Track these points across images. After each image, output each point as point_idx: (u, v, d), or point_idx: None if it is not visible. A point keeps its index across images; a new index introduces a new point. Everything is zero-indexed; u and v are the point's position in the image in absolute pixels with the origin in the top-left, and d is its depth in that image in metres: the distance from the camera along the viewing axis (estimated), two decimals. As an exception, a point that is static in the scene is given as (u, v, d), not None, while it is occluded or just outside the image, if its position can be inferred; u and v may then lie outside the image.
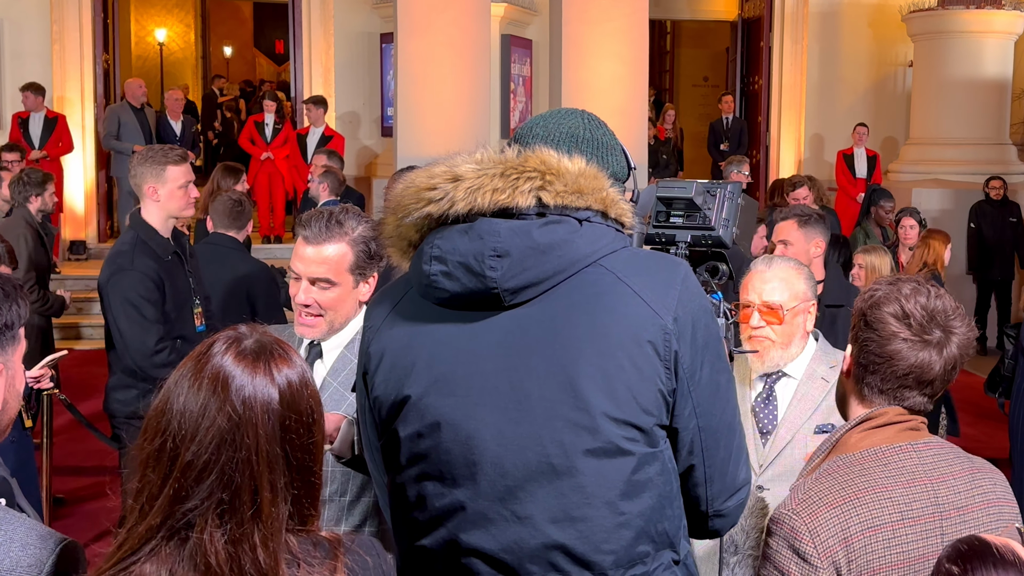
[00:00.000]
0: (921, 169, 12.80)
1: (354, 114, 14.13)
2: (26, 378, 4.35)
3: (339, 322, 2.93)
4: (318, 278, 2.86)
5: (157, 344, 4.55)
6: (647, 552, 1.98)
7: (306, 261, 2.87)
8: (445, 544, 2.01)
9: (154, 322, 4.56)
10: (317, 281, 2.87)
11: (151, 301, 4.56)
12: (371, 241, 2.91)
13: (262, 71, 25.92)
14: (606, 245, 2.01)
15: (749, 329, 3.20)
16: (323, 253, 2.86)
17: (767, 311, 3.17)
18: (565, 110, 2.25)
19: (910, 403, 2.22)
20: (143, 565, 1.52)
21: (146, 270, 4.59)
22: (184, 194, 4.66)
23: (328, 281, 2.87)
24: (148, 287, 4.57)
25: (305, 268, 2.87)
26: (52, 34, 12.84)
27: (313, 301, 2.87)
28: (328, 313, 2.90)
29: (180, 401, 1.55)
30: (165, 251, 4.69)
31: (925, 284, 2.24)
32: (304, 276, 2.88)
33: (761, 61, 14.85)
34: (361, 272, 2.92)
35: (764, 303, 3.18)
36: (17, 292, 1.85)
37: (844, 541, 2.07)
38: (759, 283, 3.22)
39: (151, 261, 4.61)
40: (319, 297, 2.87)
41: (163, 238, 4.71)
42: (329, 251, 2.86)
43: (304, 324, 2.91)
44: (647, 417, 1.96)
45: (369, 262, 2.93)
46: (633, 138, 10.46)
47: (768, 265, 3.26)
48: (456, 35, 10.04)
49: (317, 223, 2.87)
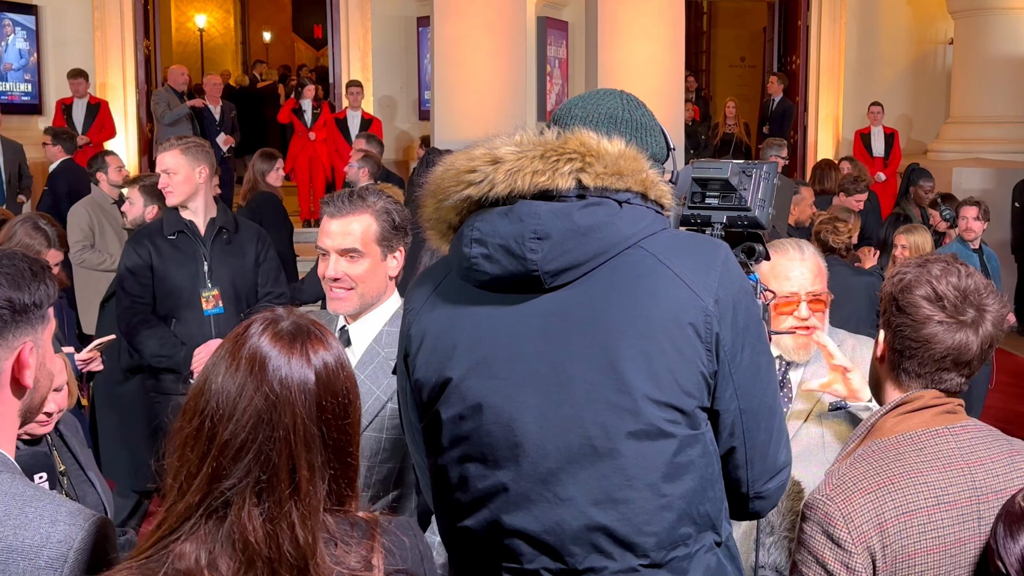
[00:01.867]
0: (962, 148, 12.66)
1: (391, 98, 14.15)
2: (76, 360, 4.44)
3: (370, 296, 2.98)
4: (346, 248, 2.93)
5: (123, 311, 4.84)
6: (689, 534, 1.99)
7: (332, 235, 2.94)
8: (488, 525, 2.02)
9: (130, 293, 4.82)
10: (346, 252, 2.93)
11: (133, 273, 4.82)
12: (395, 212, 2.99)
13: (301, 56, 25.99)
14: (646, 227, 2.01)
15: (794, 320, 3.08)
16: (348, 225, 2.93)
17: (813, 300, 3.10)
18: (604, 91, 2.24)
19: (947, 385, 2.19)
20: (183, 544, 1.54)
21: (136, 246, 4.87)
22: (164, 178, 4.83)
23: (356, 251, 2.93)
24: (133, 260, 4.84)
25: (332, 242, 2.94)
26: (94, 21, 12.93)
27: (343, 274, 2.93)
28: (359, 286, 2.95)
29: (218, 381, 1.57)
30: (171, 228, 4.87)
31: (954, 263, 2.20)
32: (332, 250, 2.94)
33: (799, 40, 14.71)
34: (388, 244, 2.98)
35: (810, 293, 3.10)
36: (45, 272, 1.88)
37: (879, 526, 2.05)
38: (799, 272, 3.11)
39: (147, 239, 4.87)
40: (348, 270, 2.93)
41: (178, 217, 4.90)
42: (354, 222, 2.94)
43: (335, 298, 2.97)
44: (688, 399, 1.96)
45: (395, 233, 2.99)
46: (670, 119, 10.42)
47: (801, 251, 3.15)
48: (492, 17, 10.03)
49: (340, 198, 2.97)
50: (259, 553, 1.53)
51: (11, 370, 1.81)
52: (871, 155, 12.62)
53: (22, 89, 12.83)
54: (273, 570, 1.53)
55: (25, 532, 1.71)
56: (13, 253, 1.88)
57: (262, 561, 1.53)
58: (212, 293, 4.85)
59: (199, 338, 4.70)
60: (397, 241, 3.01)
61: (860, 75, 14.35)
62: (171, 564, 1.54)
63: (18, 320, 1.81)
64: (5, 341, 1.79)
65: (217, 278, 4.88)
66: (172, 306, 4.83)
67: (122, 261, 4.93)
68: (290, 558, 1.54)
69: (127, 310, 4.82)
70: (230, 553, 1.54)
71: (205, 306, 4.83)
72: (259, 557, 1.53)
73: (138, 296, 4.81)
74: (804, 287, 3.10)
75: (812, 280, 3.11)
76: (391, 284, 3.06)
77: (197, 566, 1.53)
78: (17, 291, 1.81)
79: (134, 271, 4.81)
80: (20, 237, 4.55)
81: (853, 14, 14.31)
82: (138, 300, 4.81)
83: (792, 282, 3.11)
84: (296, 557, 1.54)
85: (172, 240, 4.84)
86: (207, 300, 4.84)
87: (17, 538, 1.70)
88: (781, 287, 3.12)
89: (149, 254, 4.82)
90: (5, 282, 1.80)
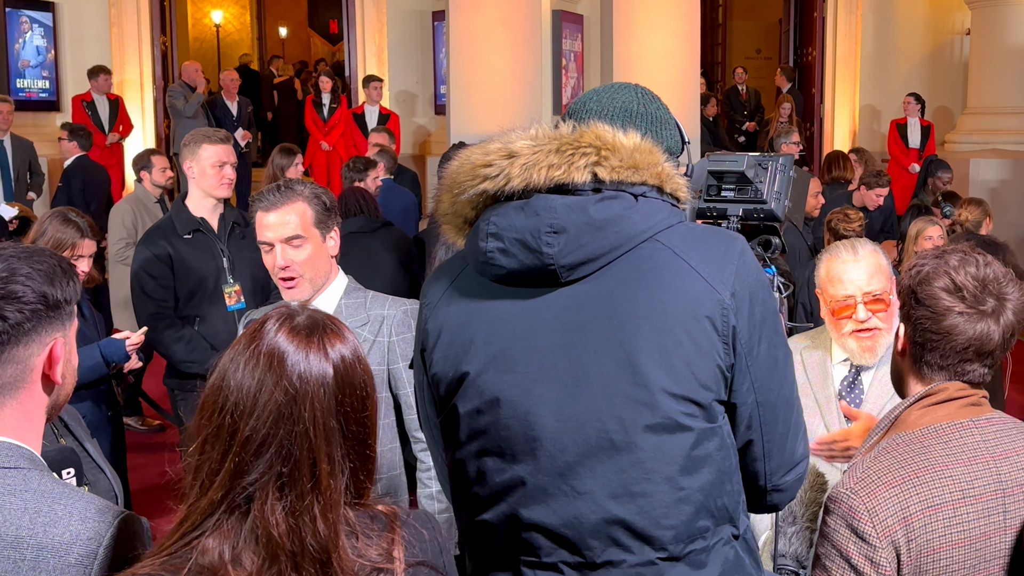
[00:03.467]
0: (979, 139, 12.59)
1: (408, 92, 14.15)
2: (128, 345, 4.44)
3: (319, 278, 3.16)
4: (289, 236, 3.09)
5: (148, 319, 4.76)
6: (707, 527, 1.99)
7: (272, 227, 3.10)
8: (506, 519, 2.02)
9: (152, 296, 4.76)
10: (289, 240, 3.09)
11: (152, 275, 4.76)
12: (323, 195, 3.18)
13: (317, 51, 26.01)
14: (662, 220, 2.01)
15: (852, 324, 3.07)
16: (286, 215, 3.09)
17: (872, 301, 3.07)
18: (618, 84, 2.25)
19: (971, 376, 2.18)
20: (206, 539, 1.56)
21: (152, 247, 4.81)
22: (216, 173, 4.83)
23: (298, 236, 3.10)
24: (150, 261, 4.77)
25: (274, 233, 3.10)
26: (111, 17, 12.97)
27: (291, 261, 3.09)
28: (307, 272, 3.13)
29: (237, 378, 1.58)
30: (185, 227, 4.84)
31: (972, 253, 2.19)
32: (275, 241, 3.11)
33: (815, 32, 14.66)
34: (324, 225, 3.16)
35: (867, 293, 3.07)
36: (72, 270, 1.90)
37: (903, 520, 2.04)
38: (854, 274, 3.08)
39: (162, 240, 4.81)
40: (295, 256, 3.10)
41: (188, 215, 4.87)
42: (290, 211, 3.10)
43: (288, 287, 3.13)
44: (706, 392, 1.96)
45: (328, 214, 3.17)
46: (686, 112, 10.39)
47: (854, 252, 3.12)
48: (507, 11, 10.03)
49: (270, 192, 3.14)
50: (282, 547, 1.54)
51: (42, 366, 1.83)
52: (907, 146, 12.53)
53: (40, 86, 12.88)
54: (296, 564, 1.54)
55: (55, 529, 1.72)
56: (43, 250, 1.90)
57: (285, 555, 1.54)
58: (234, 288, 4.85)
59: (224, 335, 4.67)
60: (331, 222, 3.19)
61: (876, 66, 14.28)
62: (195, 560, 1.55)
63: (51, 316, 1.83)
64: (39, 336, 1.81)
65: (238, 273, 4.88)
66: (195, 305, 4.81)
67: (136, 262, 4.84)
68: (313, 551, 1.55)
69: (153, 316, 4.75)
70: (253, 548, 1.55)
71: (228, 302, 4.82)
72: (282, 551, 1.54)
73: (161, 300, 4.77)
74: (860, 288, 3.08)
75: (868, 280, 3.09)
76: (333, 263, 3.22)
77: (221, 561, 1.54)
78: (51, 287, 1.82)
79: (153, 273, 4.76)
80: (51, 233, 4.53)
81: (869, 5, 14.24)
82: (162, 304, 4.77)
83: (846, 285, 3.09)
84: (319, 550, 1.55)
85: (188, 239, 4.83)
86: (229, 296, 4.84)
87: (47, 535, 1.71)
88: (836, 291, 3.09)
89: (168, 255, 4.78)
90: (39, 278, 1.81)
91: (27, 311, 1.79)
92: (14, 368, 1.79)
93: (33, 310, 1.79)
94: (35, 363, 1.82)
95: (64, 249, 4.39)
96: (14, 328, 1.78)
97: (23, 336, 1.79)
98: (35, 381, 1.83)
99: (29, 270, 1.81)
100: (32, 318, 1.79)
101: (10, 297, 1.78)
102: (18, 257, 1.83)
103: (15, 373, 1.80)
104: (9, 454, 1.78)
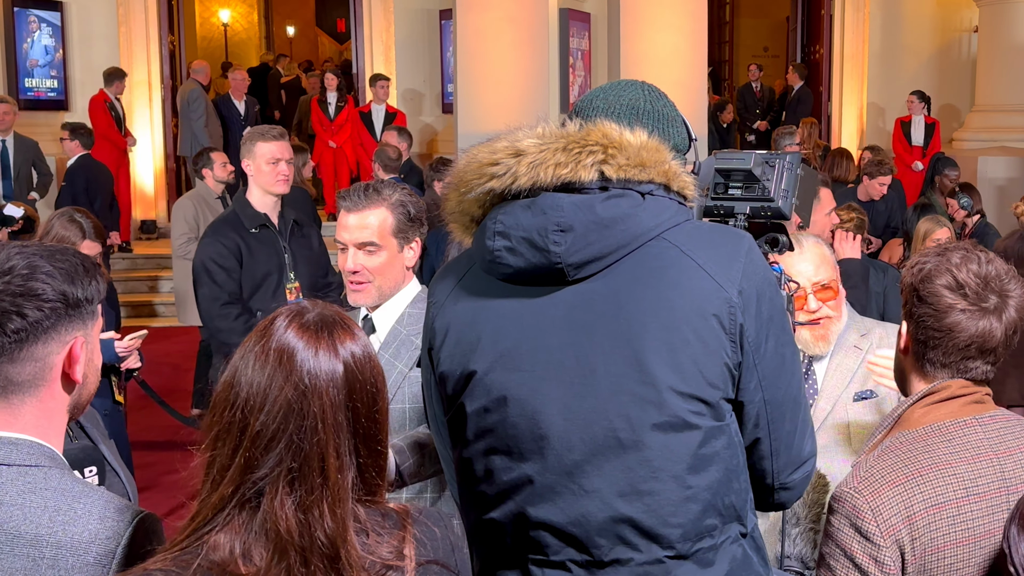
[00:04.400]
0: (987, 137, 12.57)
1: (415, 91, 14.17)
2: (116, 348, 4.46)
3: (388, 288, 3.06)
4: (364, 242, 3.01)
5: (222, 308, 4.76)
6: (714, 525, 1.99)
7: (350, 229, 3.03)
8: (513, 517, 2.03)
9: (223, 287, 4.79)
10: (363, 246, 3.01)
11: (224, 267, 4.80)
12: (410, 204, 3.07)
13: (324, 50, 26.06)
14: (669, 218, 2.01)
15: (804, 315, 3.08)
16: (365, 219, 3.01)
17: (821, 290, 3.11)
18: (625, 82, 2.24)
19: (973, 374, 2.18)
20: (217, 535, 1.56)
21: (223, 239, 4.85)
22: (272, 170, 4.91)
23: (373, 244, 3.01)
24: (222, 253, 4.82)
25: (350, 236, 3.03)
26: (118, 17, 13.01)
27: (361, 267, 3.01)
28: (376, 279, 3.03)
29: (247, 374, 1.59)
30: (252, 222, 4.92)
31: (974, 250, 2.18)
32: (350, 243, 3.03)
33: (822, 30, 14.66)
34: (404, 236, 3.06)
35: (815, 283, 3.10)
36: (96, 269, 1.90)
37: (907, 519, 2.04)
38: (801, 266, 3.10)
39: (232, 232, 4.87)
40: (366, 263, 3.01)
41: (254, 211, 4.96)
42: (370, 216, 3.01)
43: (355, 291, 3.05)
44: (713, 391, 1.96)
45: (410, 225, 3.07)
46: (693, 110, 10.37)
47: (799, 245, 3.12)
48: (514, 10, 10.03)
49: (356, 192, 3.05)
50: (291, 542, 1.54)
51: (62, 365, 1.83)
52: (910, 143, 12.52)
53: (48, 85, 12.93)
54: (305, 559, 1.55)
55: (74, 528, 1.73)
56: (66, 248, 1.91)
57: (294, 550, 1.54)
58: (295, 285, 4.95)
59: None
60: (413, 232, 3.09)
61: (884, 64, 14.26)
62: (205, 555, 1.55)
63: (71, 314, 1.83)
64: (58, 335, 1.81)
65: (299, 271, 4.98)
66: (259, 299, 4.86)
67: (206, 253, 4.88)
68: (322, 546, 1.55)
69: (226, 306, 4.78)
70: (263, 543, 1.55)
71: (289, 297, 4.89)
72: (291, 546, 1.54)
73: (232, 291, 4.82)
74: (809, 279, 3.10)
75: (815, 270, 3.12)
76: (409, 273, 3.13)
77: (231, 556, 1.55)
78: (71, 285, 1.83)
79: (225, 265, 4.82)
80: (57, 230, 4.64)
81: (877, 3, 14.22)
82: (233, 294, 4.81)
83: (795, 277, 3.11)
84: (327, 545, 1.55)
85: (255, 234, 4.91)
86: (290, 292, 4.92)
87: (67, 534, 1.72)
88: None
89: (237, 247, 4.84)
90: (59, 276, 1.82)
91: (46, 309, 1.79)
92: (33, 366, 1.80)
93: (52, 308, 1.80)
94: (55, 361, 1.82)
95: None
96: (33, 326, 1.78)
97: (42, 334, 1.79)
98: (55, 380, 1.83)
99: (50, 268, 1.82)
100: (51, 316, 1.80)
101: (30, 294, 1.78)
102: (40, 255, 1.83)
103: (34, 371, 1.80)
104: (30, 452, 1.79)
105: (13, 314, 1.76)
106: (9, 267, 1.79)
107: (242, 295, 4.86)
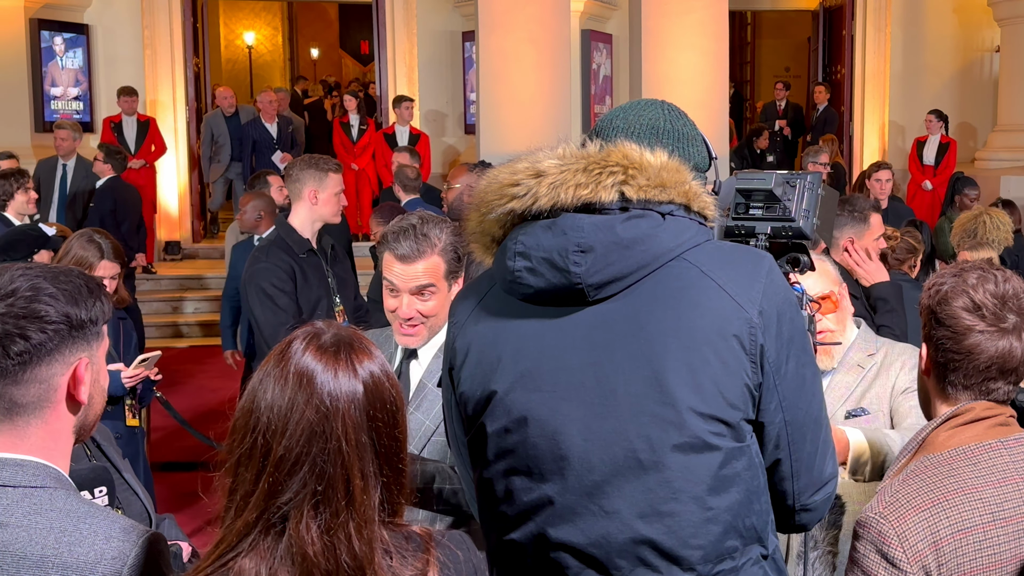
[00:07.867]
0: (1009, 156, 12.52)
1: (438, 112, 14.23)
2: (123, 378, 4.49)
3: (438, 327, 3.01)
4: (420, 287, 2.95)
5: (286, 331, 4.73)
6: (735, 547, 1.98)
7: (404, 278, 2.95)
8: (534, 538, 2.02)
9: (286, 311, 4.79)
10: (420, 291, 2.95)
11: (284, 291, 4.81)
12: (458, 246, 3.01)
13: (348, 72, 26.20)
14: (690, 239, 2.01)
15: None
16: (418, 270, 2.95)
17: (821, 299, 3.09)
18: (645, 101, 2.24)
19: (996, 395, 2.16)
20: (242, 560, 1.56)
21: (279, 263, 4.86)
22: (337, 201, 5.03)
23: (431, 287, 2.96)
24: (281, 277, 4.83)
25: (404, 284, 2.96)
26: (144, 39, 13.14)
27: (416, 312, 2.96)
28: (429, 320, 2.99)
29: (267, 399, 1.59)
30: (301, 248, 4.96)
31: (990, 270, 2.17)
32: (404, 290, 2.96)
33: (843, 50, 14.63)
34: (454, 274, 3.02)
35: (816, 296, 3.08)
36: (101, 290, 1.90)
37: (934, 544, 2.02)
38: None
39: (285, 255, 4.89)
40: (422, 308, 2.96)
41: (301, 237, 4.99)
42: (425, 266, 2.95)
43: (407, 334, 2.99)
44: (733, 411, 1.95)
45: (458, 264, 3.03)
46: (714, 131, 10.37)
47: None
48: (537, 31, 10.07)
49: (407, 241, 2.95)
50: (317, 565, 1.54)
51: (67, 386, 1.83)
52: (922, 163, 12.49)
53: (73, 107, 13.04)
54: None
55: (80, 549, 1.73)
56: (70, 270, 1.90)
57: (320, 573, 1.54)
58: (339, 308, 5.00)
59: None
60: (460, 269, 3.06)
61: (906, 84, 14.23)
62: None
63: (75, 336, 1.82)
64: (62, 356, 1.81)
65: (342, 294, 5.05)
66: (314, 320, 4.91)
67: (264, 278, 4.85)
68: (348, 569, 1.55)
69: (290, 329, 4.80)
70: (289, 567, 1.55)
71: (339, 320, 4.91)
72: (318, 569, 1.54)
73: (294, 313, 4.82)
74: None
75: (813, 284, 3.10)
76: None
77: None
78: (75, 307, 1.82)
79: (284, 289, 4.83)
80: (75, 251, 4.67)
81: (898, 23, 14.20)
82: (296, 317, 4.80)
83: None
84: (353, 568, 1.55)
85: (304, 258, 4.95)
86: (338, 315, 4.97)
87: (72, 555, 1.72)
88: None
89: (292, 271, 4.87)
90: (63, 298, 1.81)
91: (50, 331, 1.79)
92: (37, 388, 1.80)
93: (56, 330, 1.79)
94: (59, 383, 1.82)
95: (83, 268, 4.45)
96: (37, 348, 1.78)
97: (46, 356, 1.79)
98: (60, 401, 1.83)
99: (54, 290, 1.81)
100: (55, 338, 1.79)
101: (33, 316, 1.78)
102: (44, 276, 1.83)
103: (39, 393, 1.80)
104: (36, 473, 1.78)
105: (17, 336, 1.76)
106: (12, 289, 1.79)
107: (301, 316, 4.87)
